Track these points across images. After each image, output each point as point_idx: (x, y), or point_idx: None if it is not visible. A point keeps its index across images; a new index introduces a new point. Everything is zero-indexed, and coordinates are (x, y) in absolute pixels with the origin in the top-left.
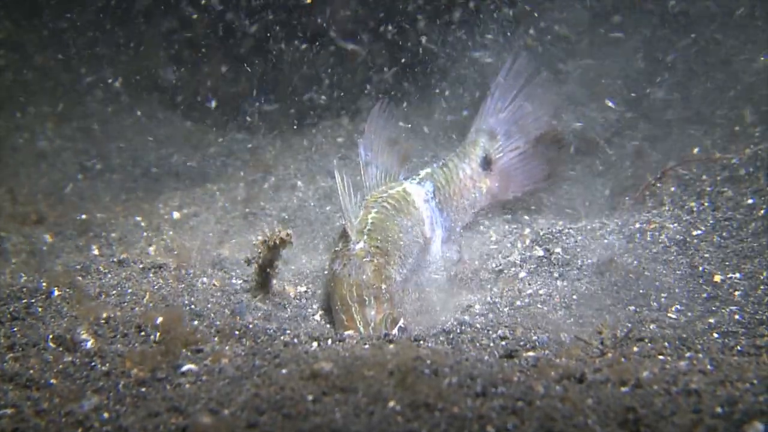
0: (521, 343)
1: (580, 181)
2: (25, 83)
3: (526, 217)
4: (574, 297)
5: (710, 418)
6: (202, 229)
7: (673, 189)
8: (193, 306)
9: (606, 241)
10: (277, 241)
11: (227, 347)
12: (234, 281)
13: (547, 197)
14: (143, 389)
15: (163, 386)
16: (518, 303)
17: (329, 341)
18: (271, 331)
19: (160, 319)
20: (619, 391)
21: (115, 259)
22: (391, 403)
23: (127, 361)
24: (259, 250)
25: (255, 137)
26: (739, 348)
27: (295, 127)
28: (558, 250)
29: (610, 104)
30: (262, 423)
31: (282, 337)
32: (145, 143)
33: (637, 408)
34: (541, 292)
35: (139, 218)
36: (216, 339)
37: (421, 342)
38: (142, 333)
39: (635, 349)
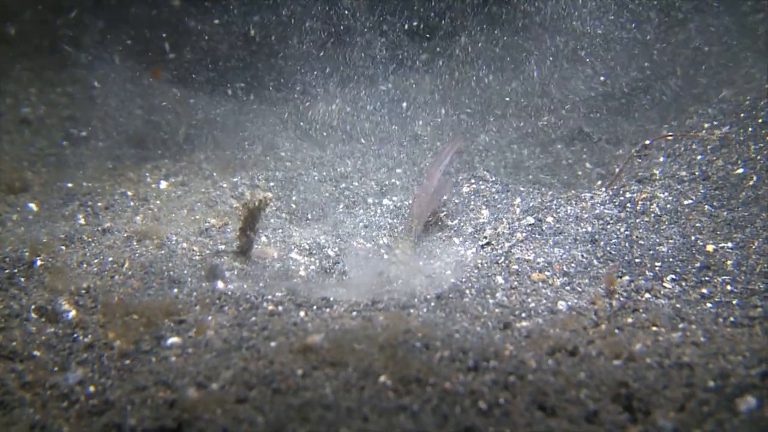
0: (516, 312)
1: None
2: (6, 46)
3: (521, 188)
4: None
5: (703, 392)
6: (189, 199)
7: (662, 159)
8: (171, 273)
9: (597, 211)
10: (257, 203)
11: (210, 317)
12: (218, 247)
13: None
14: (128, 362)
15: (148, 359)
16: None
17: (314, 307)
18: (251, 297)
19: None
20: (611, 364)
21: (99, 228)
22: (382, 378)
23: (110, 332)
24: (240, 213)
25: (243, 105)
26: (732, 319)
27: (283, 93)
28: (549, 219)
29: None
30: (251, 398)
31: (265, 305)
32: (132, 110)
33: (630, 382)
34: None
35: (125, 187)
36: (198, 308)
37: (412, 311)
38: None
39: (629, 320)
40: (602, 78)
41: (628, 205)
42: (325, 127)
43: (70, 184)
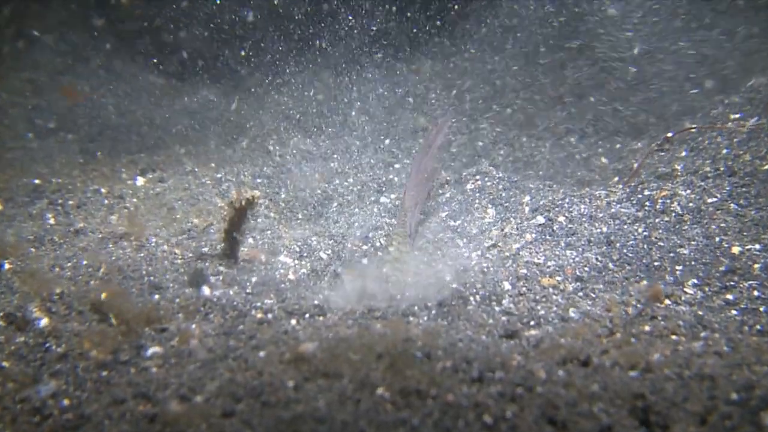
0: (524, 320)
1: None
2: None
3: (530, 185)
4: (587, 269)
5: (725, 405)
6: (169, 197)
7: (684, 153)
8: (152, 278)
9: (613, 210)
10: (244, 202)
11: (194, 325)
12: (202, 250)
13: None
14: (105, 373)
15: (127, 370)
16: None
17: (307, 315)
18: (239, 304)
19: (103, 295)
20: (627, 375)
21: (72, 229)
22: (380, 390)
23: (85, 341)
24: (225, 213)
25: (228, 93)
26: (759, 327)
27: (271, 82)
28: (561, 219)
29: None
30: (238, 411)
31: (253, 313)
32: (104, 99)
33: (647, 394)
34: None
35: (98, 184)
36: (181, 316)
37: (412, 319)
38: (99, 310)
39: (647, 328)
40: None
41: (647, 203)
42: (317, 118)
43: (37, 181)
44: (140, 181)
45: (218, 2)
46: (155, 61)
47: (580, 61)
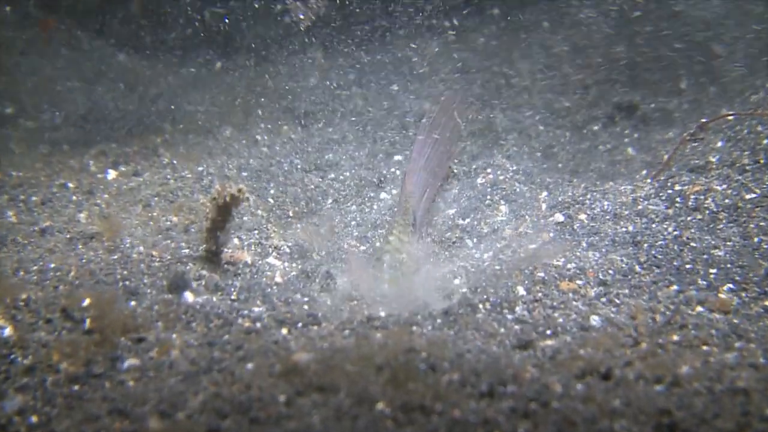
0: (539, 329)
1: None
2: None
3: (548, 179)
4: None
5: (759, 421)
6: (144, 192)
7: (720, 143)
8: (127, 282)
9: (640, 207)
10: (228, 199)
11: (175, 335)
12: (182, 251)
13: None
14: (77, 387)
15: (101, 384)
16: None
17: (299, 324)
18: (224, 312)
19: (87, 301)
20: (652, 389)
21: (36, 228)
22: (380, 405)
23: (55, 352)
24: (207, 211)
25: (210, 76)
26: None
27: (259, 63)
28: (582, 217)
29: None
30: (224, 428)
31: (240, 321)
32: (70, 82)
33: (673, 410)
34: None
35: (65, 178)
36: (160, 324)
37: (415, 328)
38: (70, 318)
39: (675, 337)
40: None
41: (678, 199)
42: (310, 104)
43: None
44: (112, 174)
45: None
46: (126, 39)
47: (606, 40)
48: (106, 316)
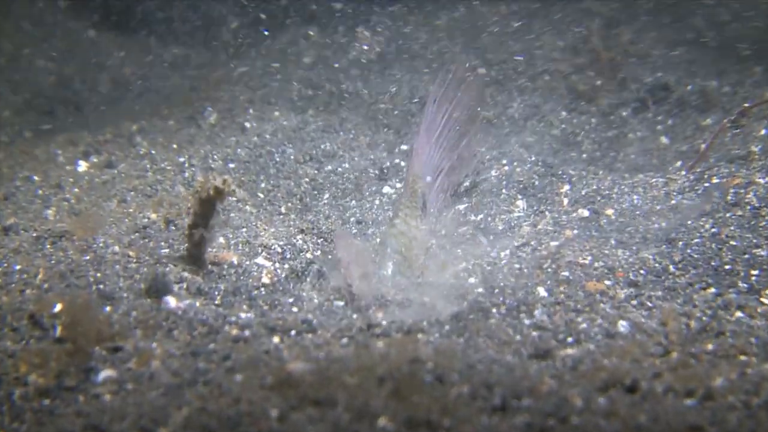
0: (560, 336)
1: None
2: None
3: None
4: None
5: None
6: (119, 186)
7: (764, 131)
8: (101, 286)
9: (674, 201)
10: (212, 193)
11: (155, 344)
12: (161, 251)
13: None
14: (47, 402)
15: (74, 398)
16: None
17: (292, 332)
18: (209, 318)
19: (57, 306)
20: (682, 404)
21: None
22: (382, 421)
23: (22, 363)
24: (190, 206)
25: (192, 54)
26: None
27: (244, 39)
28: (610, 212)
29: None
30: None
31: (227, 328)
32: (32, 60)
33: (706, 426)
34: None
35: (30, 170)
36: (138, 332)
37: (420, 336)
38: (39, 326)
39: (710, 346)
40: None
41: (716, 193)
42: (304, 86)
43: None
44: (83, 166)
45: None
46: (97, 12)
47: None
48: (79, 323)
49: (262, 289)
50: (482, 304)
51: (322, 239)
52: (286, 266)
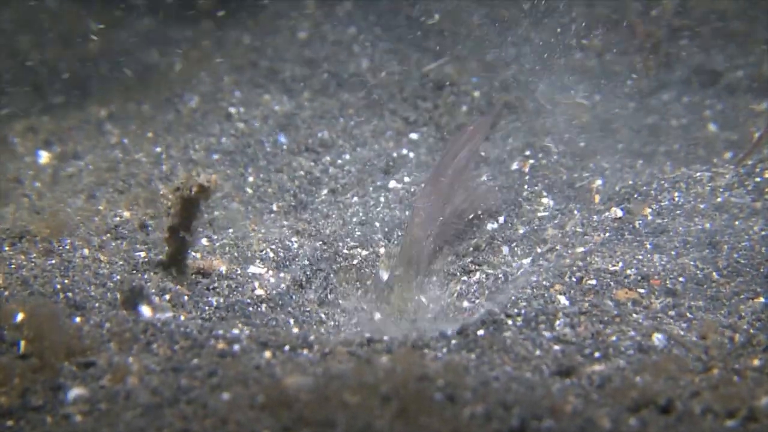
0: (586, 351)
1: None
2: None
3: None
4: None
5: None
6: (87, 180)
7: None
8: (69, 294)
9: (720, 199)
10: (195, 189)
11: (131, 358)
12: (136, 254)
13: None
14: (11, 423)
15: (41, 419)
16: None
17: (287, 348)
18: (192, 331)
19: (20, 317)
20: (722, 426)
21: None
22: None
23: None
24: (170, 205)
25: (169, 28)
26: None
27: (229, 12)
28: (647, 211)
29: None
30: None
31: (213, 342)
32: None
33: None
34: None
35: None
36: (113, 346)
37: (427, 351)
38: (0, 339)
39: (756, 362)
40: None
41: None
42: (298, 66)
43: None
44: (44, 157)
45: None
46: None
47: None
48: (45, 336)
49: (257, 302)
50: (495, 315)
51: (320, 242)
52: (281, 273)
